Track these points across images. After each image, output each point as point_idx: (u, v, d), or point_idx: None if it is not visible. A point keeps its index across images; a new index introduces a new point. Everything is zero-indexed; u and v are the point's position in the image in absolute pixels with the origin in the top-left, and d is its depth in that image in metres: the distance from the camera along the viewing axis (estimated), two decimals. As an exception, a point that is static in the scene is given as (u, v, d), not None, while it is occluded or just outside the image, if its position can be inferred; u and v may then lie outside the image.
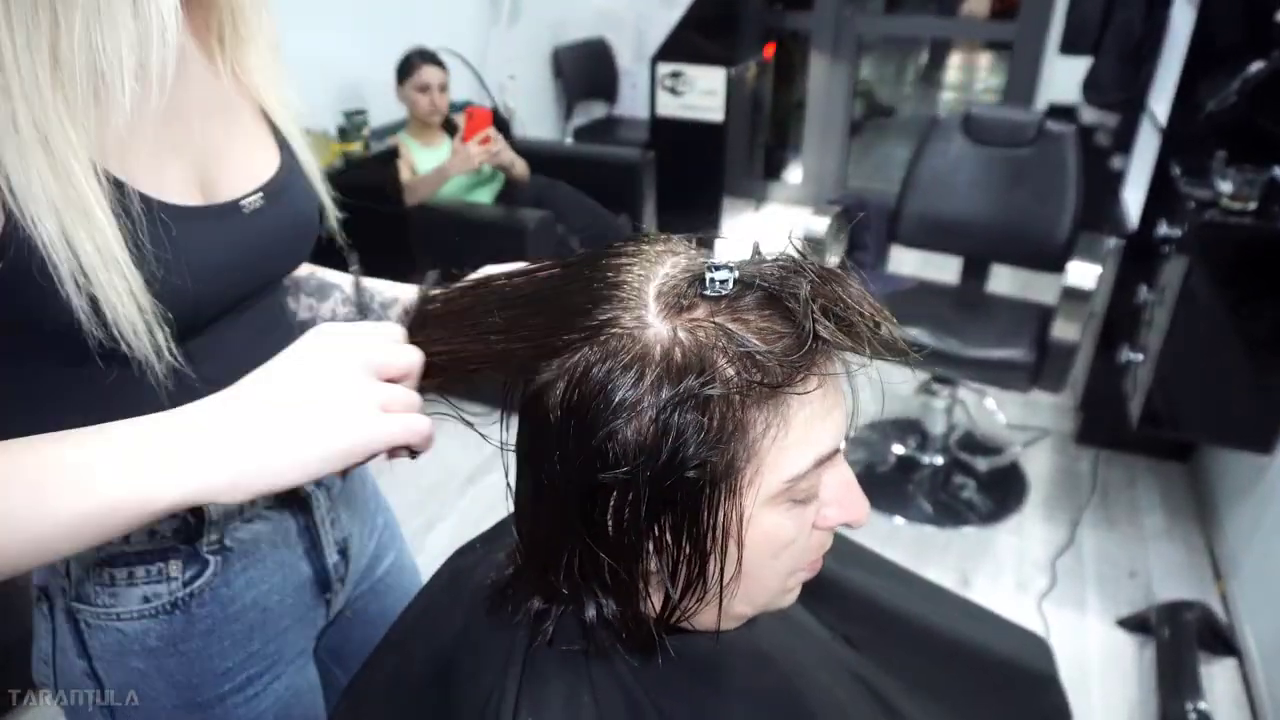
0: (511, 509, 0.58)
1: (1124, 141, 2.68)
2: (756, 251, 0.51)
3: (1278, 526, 1.82)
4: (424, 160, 2.68)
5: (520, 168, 2.84)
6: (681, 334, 0.47)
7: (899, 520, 2.27)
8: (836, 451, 0.51)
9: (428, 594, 0.68)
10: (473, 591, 0.61)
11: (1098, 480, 2.39)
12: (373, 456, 0.51)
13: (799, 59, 4.56)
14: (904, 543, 2.20)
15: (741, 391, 0.46)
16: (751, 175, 4.65)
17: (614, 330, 0.47)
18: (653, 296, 0.48)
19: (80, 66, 0.52)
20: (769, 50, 4.33)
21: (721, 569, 0.49)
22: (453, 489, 2.38)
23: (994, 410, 2.60)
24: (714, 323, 0.46)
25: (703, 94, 3.77)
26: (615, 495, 0.48)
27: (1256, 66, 1.85)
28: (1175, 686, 1.70)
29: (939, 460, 2.46)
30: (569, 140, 4.07)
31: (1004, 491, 2.38)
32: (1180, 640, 1.81)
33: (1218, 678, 1.79)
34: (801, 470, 0.48)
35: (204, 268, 0.61)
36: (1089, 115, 2.92)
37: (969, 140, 2.36)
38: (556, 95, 4.07)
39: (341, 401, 0.48)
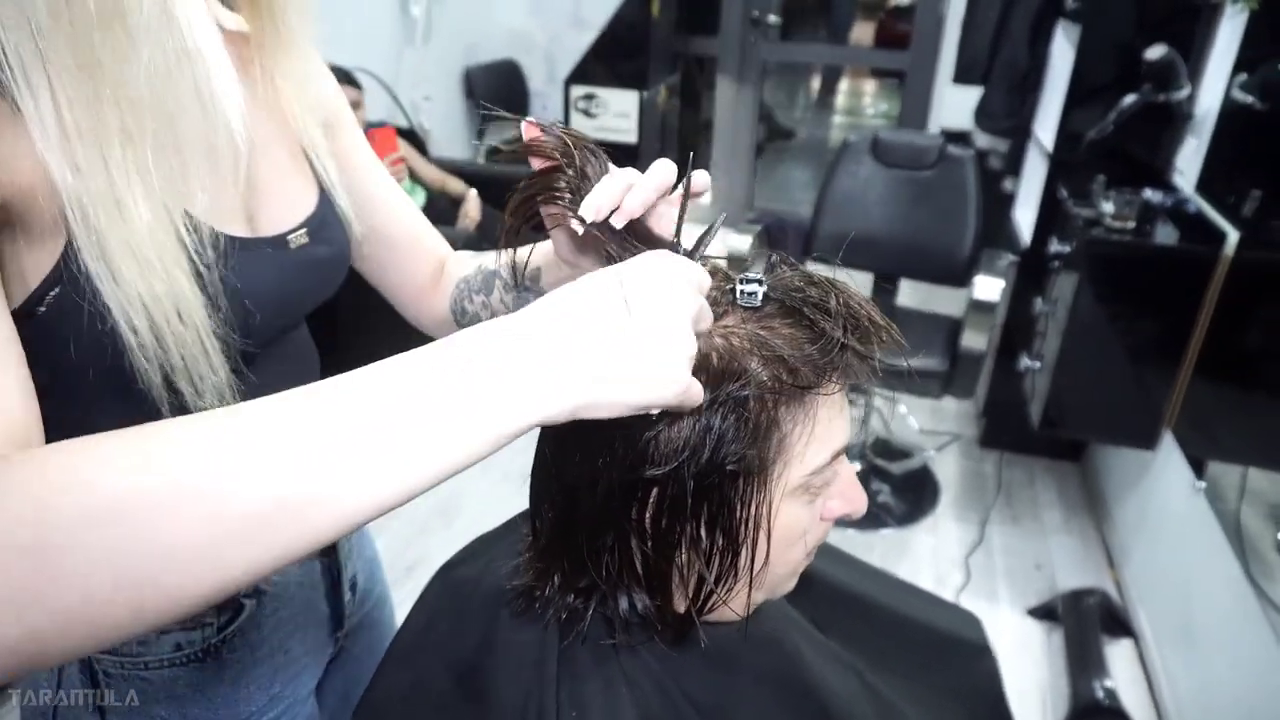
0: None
1: (1014, 165, 2.89)
2: (771, 265, 0.56)
3: (1162, 516, 2.00)
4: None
5: (455, 189, 2.88)
6: (716, 340, 0.50)
7: (823, 525, 2.37)
8: (847, 447, 0.56)
9: (424, 611, 0.68)
10: (487, 599, 0.62)
11: (1001, 480, 2.56)
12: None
13: (704, 83, 4.69)
14: (826, 546, 2.28)
15: (774, 393, 0.50)
16: (662, 196, 4.74)
17: None
18: None
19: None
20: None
21: (753, 558, 0.53)
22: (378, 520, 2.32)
23: (906, 416, 2.75)
24: (746, 329, 0.51)
25: (616, 116, 3.85)
26: (656, 491, 0.51)
27: (1129, 99, 2.05)
28: (1083, 667, 1.84)
29: (856, 466, 2.57)
30: (481, 160, 4.06)
31: (918, 494, 2.51)
32: (1084, 625, 1.96)
33: (1117, 658, 1.94)
34: (821, 463, 0.53)
35: (256, 299, 0.59)
36: (982, 140, 3.13)
37: (877, 162, 2.49)
38: (469, 115, 4.06)
39: (674, 347, 0.41)
